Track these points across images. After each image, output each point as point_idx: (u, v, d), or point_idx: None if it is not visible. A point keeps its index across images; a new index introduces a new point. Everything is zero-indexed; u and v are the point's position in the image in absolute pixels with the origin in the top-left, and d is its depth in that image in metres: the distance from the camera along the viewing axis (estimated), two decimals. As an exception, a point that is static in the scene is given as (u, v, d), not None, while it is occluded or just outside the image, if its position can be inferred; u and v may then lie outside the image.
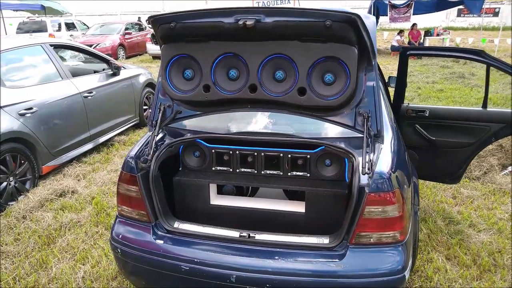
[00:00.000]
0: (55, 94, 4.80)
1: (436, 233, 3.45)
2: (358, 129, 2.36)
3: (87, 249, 3.38)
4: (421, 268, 3.00)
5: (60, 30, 18.04)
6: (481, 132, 3.34)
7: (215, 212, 2.58)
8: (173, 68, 2.45)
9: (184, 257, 2.19)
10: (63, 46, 5.83)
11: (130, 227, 2.41)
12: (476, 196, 4.15)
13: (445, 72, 11.26)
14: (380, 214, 2.05)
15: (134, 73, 6.56)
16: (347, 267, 2.04)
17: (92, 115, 5.34)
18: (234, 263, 2.13)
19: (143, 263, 2.29)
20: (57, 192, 4.36)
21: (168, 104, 2.62)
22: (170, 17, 2.21)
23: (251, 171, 2.59)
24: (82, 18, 24.53)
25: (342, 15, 2.02)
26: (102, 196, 4.30)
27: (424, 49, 3.73)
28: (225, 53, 2.33)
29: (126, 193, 2.40)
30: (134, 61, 15.97)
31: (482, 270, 2.99)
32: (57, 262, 3.23)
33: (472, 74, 10.75)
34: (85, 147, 5.33)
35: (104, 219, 3.83)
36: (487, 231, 3.51)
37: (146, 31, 18.64)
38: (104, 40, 15.83)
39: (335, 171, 2.49)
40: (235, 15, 2.11)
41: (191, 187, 2.58)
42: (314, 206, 2.39)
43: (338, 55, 2.20)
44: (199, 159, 2.69)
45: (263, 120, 2.74)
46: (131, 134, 6.50)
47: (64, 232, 3.65)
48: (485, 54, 3.14)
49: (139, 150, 2.45)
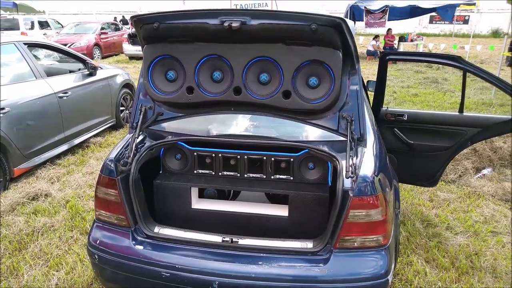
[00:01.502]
0: (29, 94, 4.64)
1: (415, 236, 3.50)
2: (341, 132, 2.37)
3: (61, 255, 3.27)
4: (401, 271, 3.03)
5: (33, 28, 17.56)
6: (458, 136, 3.40)
7: (197, 217, 2.53)
8: (155, 69, 2.40)
9: (165, 263, 2.13)
10: (38, 45, 5.64)
11: (108, 232, 2.33)
12: (452, 199, 4.23)
13: (419, 77, 11.53)
14: (364, 218, 2.05)
15: (111, 74, 6.42)
16: (331, 271, 2.02)
17: (67, 116, 5.18)
18: (217, 269, 2.09)
19: (121, 270, 2.21)
20: (29, 196, 4.21)
21: (149, 106, 2.56)
22: (154, 17, 2.16)
23: (234, 174, 2.56)
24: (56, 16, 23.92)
25: (327, 19, 2.03)
26: (77, 200, 4.18)
27: (404, 54, 3.78)
28: (209, 55, 2.29)
29: (104, 197, 2.32)
30: (110, 61, 15.69)
31: (460, 272, 3.04)
32: (29, 268, 3.11)
33: (445, 79, 11.04)
34: (59, 149, 5.17)
35: (79, 223, 3.72)
36: (463, 233, 3.58)
37: (123, 31, 18.38)
38: (79, 39, 15.47)
39: (318, 175, 2.48)
40: (220, 17, 2.09)
41: (172, 190, 2.52)
42: (297, 210, 2.38)
43: (323, 59, 2.20)
44: (181, 162, 2.64)
45: (247, 123, 2.72)
46: (107, 136, 6.35)
47: (37, 237, 3.52)
48: (462, 60, 3.20)
49: (119, 152, 2.38)
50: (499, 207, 4.06)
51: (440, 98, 9.00)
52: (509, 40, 11.68)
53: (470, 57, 15.36)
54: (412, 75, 11.88)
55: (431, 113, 3.78)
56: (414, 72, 12.27)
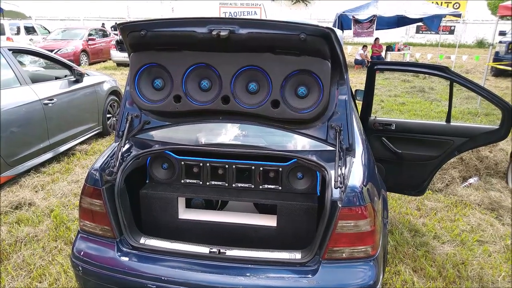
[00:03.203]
0: (13, 100, 4.55)
1: (402, 245, 3.50)
2: (330, 142, 2.37)
3: (45, 266, 3.19)
4: (389, 281, 3.03)
5: (19, 34, 17.32)
6: (445, 145, 3.42)
7: (183, 227, 2.49)
8: (142, 77, 2.37)
9: (151, 275, 2.08)
10: (23, 51, 5.56)
11: (93, 243, 2.28)
12: (439, 208, 4.26)
13: (406, 86, 11.67)
14: (352, 229, 2.04)
15: (98, 80, 6.36)
16: (320, 283, 2.00)
17: (52, 123, 5.10)
18: (204, 280, 2.05)
19: (106, 282, 2.16)
20: (12, 204, 4.11)
21: (136, 114, 2.52)
22: (141, 25, 2.14)
23: (222, 184, 2.53)
24: (43, 22, 23.71)
25: (316, 29, 2.02)
26: (62, 209, 4.09)
27: (392, 64, 3.81)
28: (197, 63, 2.28)
29: (89, 207, 2.27)
30: (97, 67, 15.57)
31: (447, 282, 3.04)
32: (11, 280, 3.02)
33: (431, 89, 11.19)
34: (44, 157, 5.08)
35: (63, 233, 3.64)
36: (450, 242, 3.60)
37: (110, 38, 18.25)
38: (66, 45, 15.31)
39: (306, 184, 2.47)
40: (208, 25, 2.07)
41: (158, 200, 2.48)
42: (286, 220, 2.36)
43: (311, 69, 2.20)
44: (168, 171, 2.60)
45: (235, 132, 2.70)
46: (93, 143, 6.27)
47: (20, 247, 3.43)
48: (449, 71, 3.23)
49: (104, 161, 2.33)
50: (485, 216, 4.09)
51: (427, 107, 9.11)
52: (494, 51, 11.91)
53: (456, 67, 15.60)
54: (399, 84, 12.02)
55: (418, 122, 3.81)
56: (401, 81, 12.41)
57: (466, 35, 28.95)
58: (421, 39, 29.79)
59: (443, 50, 22.27)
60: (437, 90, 10.99)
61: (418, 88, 11.18)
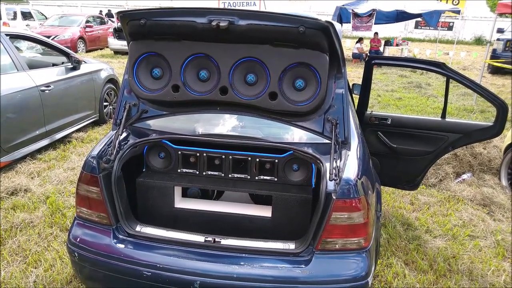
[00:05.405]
0: (10, 86, 4.53)
1: (395, 238, 3.54)
2: (326, 135, 2.39)
3: (40, 252, 3.21)
4: (381, 273, 3.07)
5: (15, 19, 17.18)
6: (440, 141, 3.46)
7: (179, 216, 2.52)
8: (141, 66, 2.37)
9: (146, 262, 2.11)
10: (20, 37, 5.52)
11: (89, 230, 2.30)
12: (432, 202, 4.31)
13: (403, 81, 11.68)
14: (346, 221, 2.07)
15: (95, 68, 6.33)
16: (313, 273, 2.04)
17: (49, 110, 5.09)
18: (198, 268, 2.08)
19: (102, 268, 2.19)
20: (8, 190, 4.12)
21: (134, 103, 2.53)
22: (141, 14, 2.14)
23: (218, 174, 2.55)
24: (40, 7, 23.44)
25: (315, 22, 2.03)
26: (58, 196, 4.11)
27: (390, 59, 3.83)
28: (196, 54, 2.28)
29: (86, 194, 2.29)
30: (94, 55, 15.45)
31: (438, 275, 3.10)
32: (6, 265, 3.05)
33: (428, 84, 11.21)
34: (40, 143, 5.08)
35: (59, 219, 3.66)
36: (442, 237, 3.65)
37: (108, 25, 18.08)
38: (63, 32, 15.17)
39: (302, 176, 2.50)
40: (208, 16, 2.08)
41: (155, 189, 2.50)
42: (281, 211, 2.39)
43: (309, 62, 2.21)
44: (164, 160, 2.62)
45: (232, 123, 2.71)
46: (90, 131, 6.26)
47: (15, 233, 3.45)
48: (445, 67, 3.25)
49: (102, 149, 2.35)
50: (477, 211, 4.15)
51: (423, 103, 9.14)
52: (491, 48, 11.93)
53: (453, 63, 15.62)
54: (396, 79, 12.03)
55: (414, 118, 3.83)
56: (398, 76, 12.42)
57: (465, 32, 28.90)
58: (420, 35, 29.71)
59: (441, 46, 22.25)
60: (433, 86, 11.02)
61: (415, 84, 11.20)
